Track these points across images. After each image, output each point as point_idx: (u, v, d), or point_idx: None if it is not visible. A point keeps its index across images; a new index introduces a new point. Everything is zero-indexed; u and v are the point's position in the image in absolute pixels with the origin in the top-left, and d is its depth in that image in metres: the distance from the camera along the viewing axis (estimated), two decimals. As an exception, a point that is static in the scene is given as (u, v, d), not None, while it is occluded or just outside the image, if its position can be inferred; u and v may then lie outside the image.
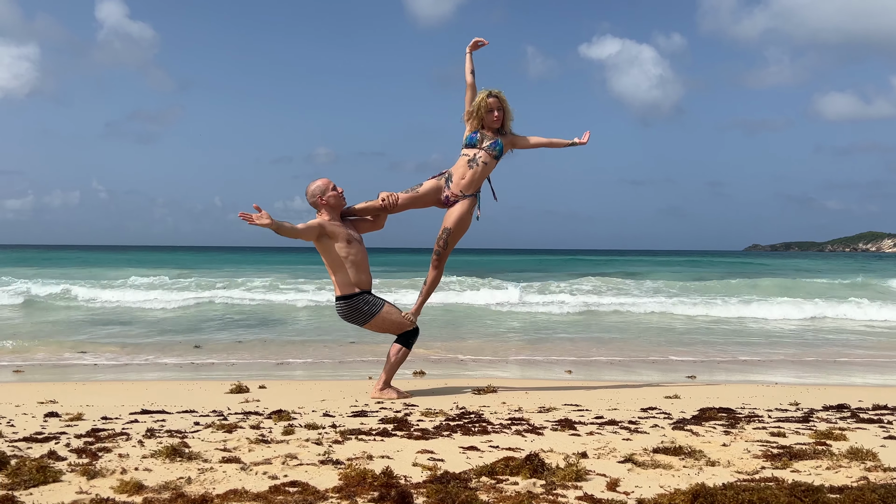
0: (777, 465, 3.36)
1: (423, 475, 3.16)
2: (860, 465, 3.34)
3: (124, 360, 8.45)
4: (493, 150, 5.97)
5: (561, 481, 3.05)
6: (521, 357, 9.10)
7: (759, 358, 9.30)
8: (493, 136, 6.00)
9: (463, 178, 5.95)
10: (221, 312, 14.26)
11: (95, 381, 7.04)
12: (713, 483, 2.95)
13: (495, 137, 6.00)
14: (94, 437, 3.94)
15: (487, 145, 5.96)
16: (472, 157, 5.96)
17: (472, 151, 5.98)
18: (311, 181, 5.74)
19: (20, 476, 2.99)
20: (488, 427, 4.33)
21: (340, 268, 5.68)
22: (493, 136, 6.00)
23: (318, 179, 5.73)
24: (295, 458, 3.46)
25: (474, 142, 5.99)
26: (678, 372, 7.93)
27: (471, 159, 5.96)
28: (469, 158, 5.97)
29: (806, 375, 7.92)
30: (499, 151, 6.00)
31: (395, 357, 5.91)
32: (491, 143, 5.97)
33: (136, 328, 11.86)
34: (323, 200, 5.68)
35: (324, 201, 5.68)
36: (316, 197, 5.70)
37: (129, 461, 3.36)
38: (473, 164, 5.95)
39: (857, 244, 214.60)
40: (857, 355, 9.63)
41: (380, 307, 5.78)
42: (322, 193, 5.68)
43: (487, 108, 5.96)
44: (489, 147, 5.96)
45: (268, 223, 5.28)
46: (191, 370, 7.88)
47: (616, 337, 11.29)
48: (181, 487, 2.94)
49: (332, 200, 5.70)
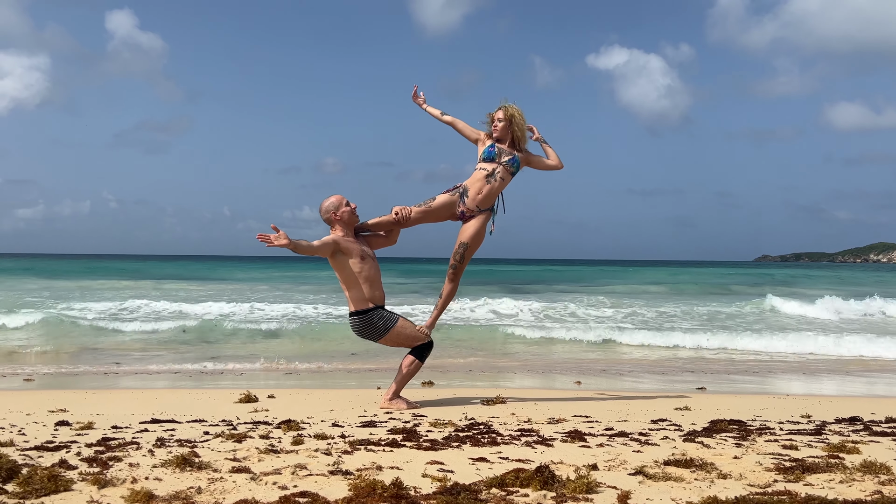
0: (790, 479, 3.33)
1: (433, 486, 3.15)
2: (874, 479, 3.30)
3: (135, 369, 8.49)
4: (511, 167, 5.95)
5: (571, 493, 3.03)
6: (530, 367, 9.08)
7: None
8: (510, 152, 5.98)
9: (479, 194, 5.93)
10: (232, 323, 14.30)
11: (106, 389, 7.07)
12: (725, 496, 2.93)
13: (513, 153, 5.98)
14: (104, 447, 3.95)
15: (506, 161, 5.94)
16: (490, 171, 5.94)
17: (491, 166, 5.95)
18: (325, 198, 5.78)
19: (31, 485, 3.00)
20: (498, 438, 4.31)
21: (354, 284, 5.69)
22: (511, 151, 6.00)
23: (332, 196, 5.77)
24: (304, 468, 3.45)
25: (493, 156, 5.96)
26: (687, 383, 7.89)
27: (489, 174, 5.93)
28: (487, 173, 5.94)
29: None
30: (516, 168, 5.99)
31: (408, 369, 5.90)
32: (509, 158, 5.95)
33: (147, 339, 11.92)
34: (336, 216, 5.71)
35: (337, 217, 5.71)
36: (329, 213, 5.73)
37: (140, 470, 3.37)
38: (492, 179, 5.92)
39: (867, 255, 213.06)
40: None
41: (394, 322, 5.78)
42: (336, 209, 5.71)
43: (492, 119, 6.01)
44: (508, 163, 5.94)
45: (285, 243, 5.31)
46: (200, 379, 7.90)
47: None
48: (191, 497, 2.94)
49: (345, 216, 5.72)
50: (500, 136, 6.00)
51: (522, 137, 6.03)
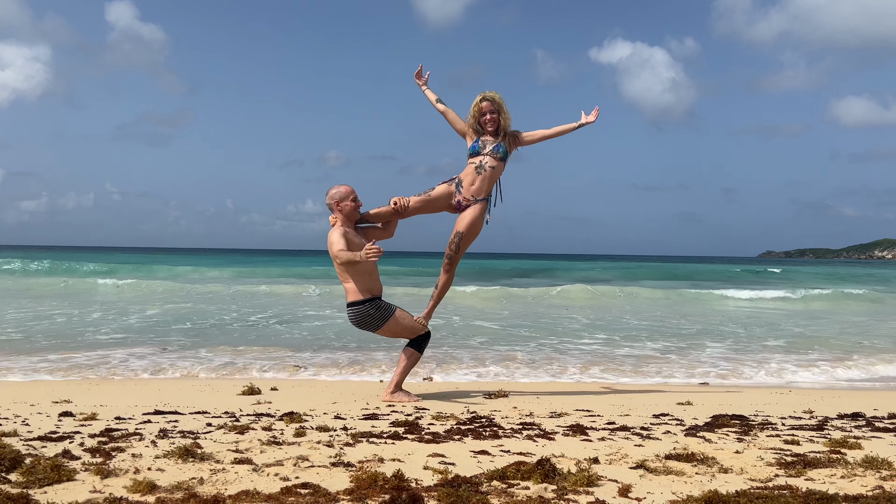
0: (791, 473, 3.34)
1: (434, 479, 3.16)
2: (875, 474, 3.30)
3: (137, 360, 8.51)
4: (497, 153, 5.97)
5: (572, 487, 3.04)
6: (532, 361, 9.07)
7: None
8: (494, 141, 6.01)
9: (473, 184, 5.96)
10: (234, 314, 14.33)
11: (109, 380, 7.09)
12: (726, 490, 2.94)
13: (497, 141, 6.01)
14: (107, 437, 3.97)
15: (490, 149, 5.97)
16: (478, 163, 5.97)
17: (478, 158, 5.99)
18: (337, 185, 5.83)
19: (35, 475, 3.02)
20: (499, 431, 4.32)
21: (353, 275, 5.71)
22: (494, 139, 6.01)
23: (343, 186, 5.82)
24: (306, 459, 3.47)
25: (477, 150, 6.00)
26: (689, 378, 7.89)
27: (478, 166, 5.97)
28: (476, 165, 5.98)
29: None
30: (503, 153, 6.00)
31: (407, 361, 5.92)
32: (493, 146, 5.98)
33: (148, 329, 11.94)
34: (339, 207, 5.75)
35: (339, 207, 5.75)
36: (334, 200, 5.77)
37: (143, 461, 3.38)
38: (481, 170, 5.96)
39: (872, 251, 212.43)
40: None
41: (392, 312, 5.80)
42: (341, 199, 5.76)
43: (480, 111, 5.98)
44: (492, 151, 5.97)
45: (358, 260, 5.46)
46: (203, 371, 7.92)
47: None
48: (193, 488, 2.96)
49: (346, 209, 5.76)
50: (495, 129, 5.98)
51: (507, 121, 6.01)
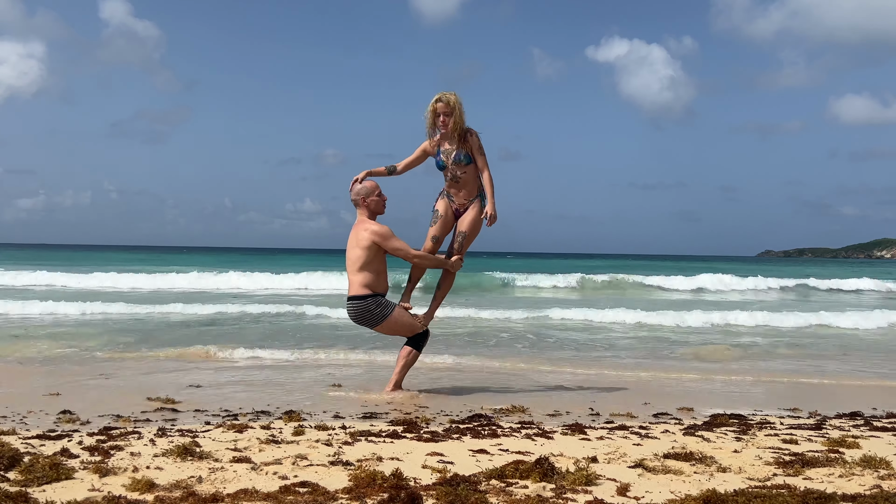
0: (789, 473, 3.34)
1: (433, 477, 3.16)
2: (873, 474, 3.31)
3: (136, 359, 8.51)
4: (460, 162, 5.83)
5: (571, 485, 3.04)
6: (530, 359, 9.08)
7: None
8: (452, 150, 5.84)
9: (459, 193, 5.97)
10: (233, 314, 14.32)
11: (109, 378, 7.09)
12: (724, 489, 2.94)
13: (454, 148, 5.83)
14: (106, 436, 3.97)
15: (452, 161, 5.84)
16: (451, 175, 5.91)
17: (447, 172, 5.92)
18: (352, 180, 5.88)
19: (33, 473, 3.02)
20: (498, 430, 4.32)
21: (367, 268, 5.73)
22: (451, 146, 5.84)
23: (368, 181, 5.88)
24: (305, 458, 3.47)
25: (442, 164, 5.91)
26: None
27: (452, 177, 5.92)
28: (450, 178, 5.93)
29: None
30: (467, 159, 5.83)
31: (406, 359, 5.92)
32: (454, 156, 5.83)
33: (144, 326, 11.94)
34: (365, 202, 5.81)
35: (365, 203, 5.82)
36: (360, 196, 5.84)
37: (141, 459, 3.38)
38: (457, 179, 5.92)
39: (872, 251, 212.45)
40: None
41: (391, 310, 5.80)
42: (367, 195, 5.82)
43: (435, 112, 5.80)
44: (455, 161, 5.84)
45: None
46: (203, 369, 7.91)
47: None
48: (192, 486, 2.96)
49: (372, 205, 5.85)
50: (450, 131, 5.79)
51: (459, 124, 5.77)
